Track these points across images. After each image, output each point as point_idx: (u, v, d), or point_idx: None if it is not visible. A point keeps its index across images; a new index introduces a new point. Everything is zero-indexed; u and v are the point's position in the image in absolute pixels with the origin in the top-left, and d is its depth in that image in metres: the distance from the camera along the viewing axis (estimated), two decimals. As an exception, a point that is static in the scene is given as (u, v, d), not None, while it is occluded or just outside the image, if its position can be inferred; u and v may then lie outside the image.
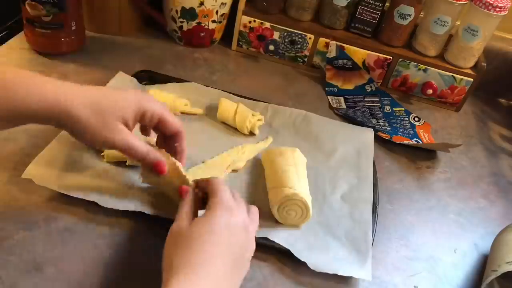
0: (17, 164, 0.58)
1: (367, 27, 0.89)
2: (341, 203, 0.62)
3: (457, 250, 0.62)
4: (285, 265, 0.54)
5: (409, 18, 0.85)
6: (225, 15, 0.90)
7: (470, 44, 0.85)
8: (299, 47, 0.90)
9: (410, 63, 0.88)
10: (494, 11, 0.80)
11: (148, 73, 0.78)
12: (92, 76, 0.76)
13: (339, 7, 0.87)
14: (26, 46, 0.79)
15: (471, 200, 0.71)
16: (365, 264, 0.54)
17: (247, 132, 0.70)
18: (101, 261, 0.50)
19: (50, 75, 0.75)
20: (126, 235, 0.53)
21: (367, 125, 0.79)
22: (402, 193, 0.70)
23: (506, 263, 0.53)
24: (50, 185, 0.54)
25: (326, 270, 0.53)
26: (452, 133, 0.86)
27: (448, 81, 0.88)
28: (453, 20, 0.84)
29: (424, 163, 0.76)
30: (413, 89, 0.91)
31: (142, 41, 0.90)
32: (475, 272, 0.60)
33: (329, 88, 0.88)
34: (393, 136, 0.79)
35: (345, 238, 0.57)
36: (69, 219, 0.53)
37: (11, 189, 0.55)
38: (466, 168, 0.78)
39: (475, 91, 0.90)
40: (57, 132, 0.61)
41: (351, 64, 0.88)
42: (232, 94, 0.76)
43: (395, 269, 0.58)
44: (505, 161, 0.82)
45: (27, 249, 0.49)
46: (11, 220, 0.52)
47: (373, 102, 0.87)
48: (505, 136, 0.89)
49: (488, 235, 0.64)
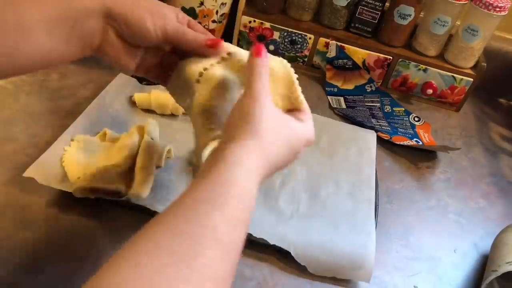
0: (17, 164, 0.58)
1: (367, 27, 0.89)
2: (343, 203, 0.62)
3: (457, 250, 0.62)
4: (285, 265, 0.54)
5: (409, 18, 0.85)
6: (225, 15, 0.90)
7: (470, 44, 0.85)
8: (299, 47, 0.90)
9: (410, 63, 0.88)
10: (494, 11, 0.80)
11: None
12: (92, 76, 0.76)
13: (339, 7, 0.87)
14: (26, 46, 0.79)
15: (471, 200, 0.71)
16: (366, 267, 0.54)
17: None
18: (102, 261, 0.50)
19: (50, 75, 0.75)
20: (127, 234, 0.53)
21: (367, 125, 0.79)
22: (402, 193, 0.70)
23: (506, 263, 0.53)
24: (53, 184, 0.54)
25: (326, 274, 0.53)
26: (452, 133, 0.86)
27: (448, 81, 0.88)
28: (453, 20, 0.84)
29: (424, 163, 0.76)
30: (413, 89, 0.91)
31: (142, 41, 0.90)
32: (475, 272, 0.60)
33: (329, 88, 0.88)
34: (393, 136, 0.79)
35: (346, 239, 0.57)
36: (69, 219, 0.53)
37: (11, 189, 0.55)
38: (466, 168, 0.78)
39: (475, 91, 0.90)
40: (58, 132, 0.61)
41: (351, 64, 0.88)
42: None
43: (395, 269, 0.58)
44: (505, 161, 0.82)
45: (27, 249, 0.49)
46: (11, 220, 0.52)
47: (373, 102, 0.87)
48: (505, 136, 0.89)
49: (488, 235, 0.64)
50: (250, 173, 0.36)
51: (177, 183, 0.60)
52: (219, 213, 0.32)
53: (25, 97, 0.70)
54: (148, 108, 0.71)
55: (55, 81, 0.74)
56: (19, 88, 0.71)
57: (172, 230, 0.30)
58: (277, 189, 0.62)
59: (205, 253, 0.29)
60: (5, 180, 0.56)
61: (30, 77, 0.74)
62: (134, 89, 0.73)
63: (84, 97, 0.72)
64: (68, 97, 0.71)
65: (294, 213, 0.59)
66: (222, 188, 0.34)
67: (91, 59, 0.83)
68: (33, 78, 0.74)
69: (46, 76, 0.75)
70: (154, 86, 0.74)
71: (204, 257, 0.29)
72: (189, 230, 0.30)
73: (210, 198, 0.33)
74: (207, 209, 0.32)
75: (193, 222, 0.31)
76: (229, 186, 0.34)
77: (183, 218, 0.31)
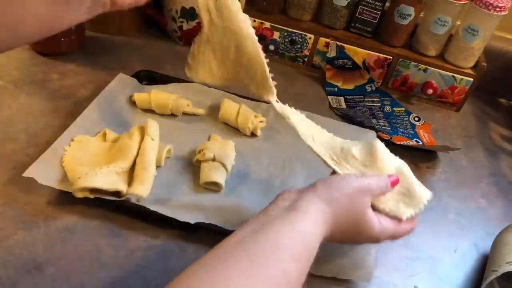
0: (17, 164, 0.58)
1: (367, 27, 0.89)
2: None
3: (457, 250, 0.62)
4: (285, 265, 0.54)
5: (409, 18, 0.85)
6: (225, 15, 0.90)
7: (470, 44, 0.85)
8: (299, 47, 0.90)
9: (410, 63, 0.88)
10: (494, 11, 0.80)
11: (148, 73, 0.78)
12: (92, 76, 0.76)
13: (339, 7, 0.87)
14: (26, 46, 0.79)
15: (471, 200, 0.71)
16: (366, 267, 0.54)
17: (249, 133, 0.70)
18: (101, 261, 0.50)
19: (50, 75, 0.75)
20: (127, 235, 0.53)
21: (367, 125, 0.79)
22: (402, 193, 0.69)
23: (506, 263, 0.53)
24: (53, 184, 0.54)
25: (326, 274, 0.53)
26: (452, 133, 0.86)
27: (448, 81, 0.88)
28: (453, 20, 0.84)
29: (424, 163, 0.76)
30: (413, 89, 0.91)
31: (142, 41, 0.90)
32: (475, 272, 0.60)
33: (329, 88, 0.88)
34: (393, 136, 0.79)
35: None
36: (69, 219, 0.53)
37: (11, 189, 0.55)
38: (466, 168, 0.78)
39: (475, 91, 0.90)
40: (58, 132, 0.61)
41: (351, 64, 0.88)
42: (234, 95, 0.76)
43: (395, 269, 0.58)
44: (505, 161, 0.82)
45: (27, 249, 0.49)
46: (11, 220, 0.52)
47: (373, 102, 0.87)
48: (505, 136, 0.89)
49: (488, 235, 0.64)
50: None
51: (177, 183, 0.60)
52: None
53: (25, 97, 0.70)
54: (148, 108, 0.71)
55: (55, 81, 0.74)
56: (19, 88, 0.71)
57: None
58: (277, 189, 0.61)
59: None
60: (5, 180, 0.56)
61: (30, 77, 0.74)
62: (134, 89, 0.73)
63: (84, 97, 0.72)
64: (68, 97, 0.71)
65: (294, 213, 0.59)
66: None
67: (91, 59, 0.83)
68: (33, 78, 0.74)
69: (46, 76, 0.75)
70: (154, 86, 0.74)
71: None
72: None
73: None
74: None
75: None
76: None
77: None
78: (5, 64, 0.75)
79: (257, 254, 0.36)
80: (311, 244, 0.41)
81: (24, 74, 0.74)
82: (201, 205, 0.57)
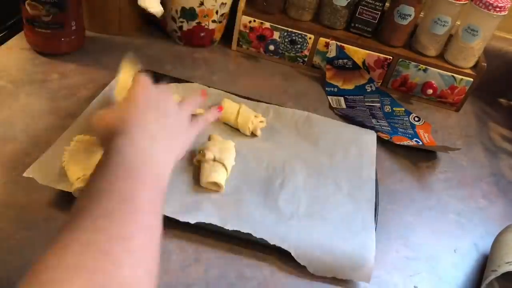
0: (17, 164, 0.58)
1: (367, 27, 0.89)
2: (343, 203, 0.62)
3: (457, 250, 0.62)
4: (285, 265, 0.54)
5: (409, 18, 0.85)
6: (225, 15, 0.90)
7: (470, 44, 0.85)
8: (299, 47, 0.90)
9: (410, 63, 0.88)
10: (494, 11, 0.80)
11: (148, 73, 0.78)
12: (92, 76, 0.76)
13: (339, 7, 0.87)
14: (26, 46, 0.79)
15: (471, 200, 0.71)
16: (366, 267, 0.54)
17: (249, 133, 0.70)
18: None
19: (50, 75, 0.75)
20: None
21: (367, 125, 0.79)
22: (402, 193, 0.70)
23: (506, 263, 0.53)
24: (53, 184, 0.54)
25: (326, 274, 0.53)
26: (452, 133, 0.86)
27: (448, 81, 0.88)
28: (453, 20, 0.84)
29: (424, 163, 0.76)
30: (413, 89, 0.91)
31: (142, 41, 0.90)
32: (475, 272, 0.60)
33: (329, 88, 0.88)
34: (393, 136, 0.79)
35: (346, 240, 0.57)
36: (69, 219, 0.53)
37: (11, 189, 0.55)
38: (466, 168, 0.78)
39: (475, 91, 0.90)
40: (58, 132, 0.61)
41: (351, 64, 0.88)
42: (234, 95, 0.76)
43: (395, 269, 0.58)
44: (505, 161, 0.82)
45: (27, 249, 0.49)
46: (11, 220, 0.52)
47: (373, 102, 0.87)
48: (505, 136, 0.89)
49: (488, 235, 0.64)
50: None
51: (177, 183, 0.60)
52: None
53: (25, 97, 0.70)
54: (148, 108, 0.71)
55: (55, 81, 0.74)
56: (19, 88, 0.71)
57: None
58: (277, 189, 0.62)
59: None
60: (5, 180, 0.56)
61: (30, 77, 0.74)
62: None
63: (84, 97, 0.72)
64: (68, 97, 0.71)
65: (294, 213, 0.59)
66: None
67: (91, 59, 0.83)
68: (33, 78, 0.74)
69: (46, 76, 0.75)
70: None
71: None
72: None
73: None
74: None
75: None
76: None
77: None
78: (5, 64, 0.75)
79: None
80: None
81: (24, 74, 0.74)
82: (201, 205, 0.57)
